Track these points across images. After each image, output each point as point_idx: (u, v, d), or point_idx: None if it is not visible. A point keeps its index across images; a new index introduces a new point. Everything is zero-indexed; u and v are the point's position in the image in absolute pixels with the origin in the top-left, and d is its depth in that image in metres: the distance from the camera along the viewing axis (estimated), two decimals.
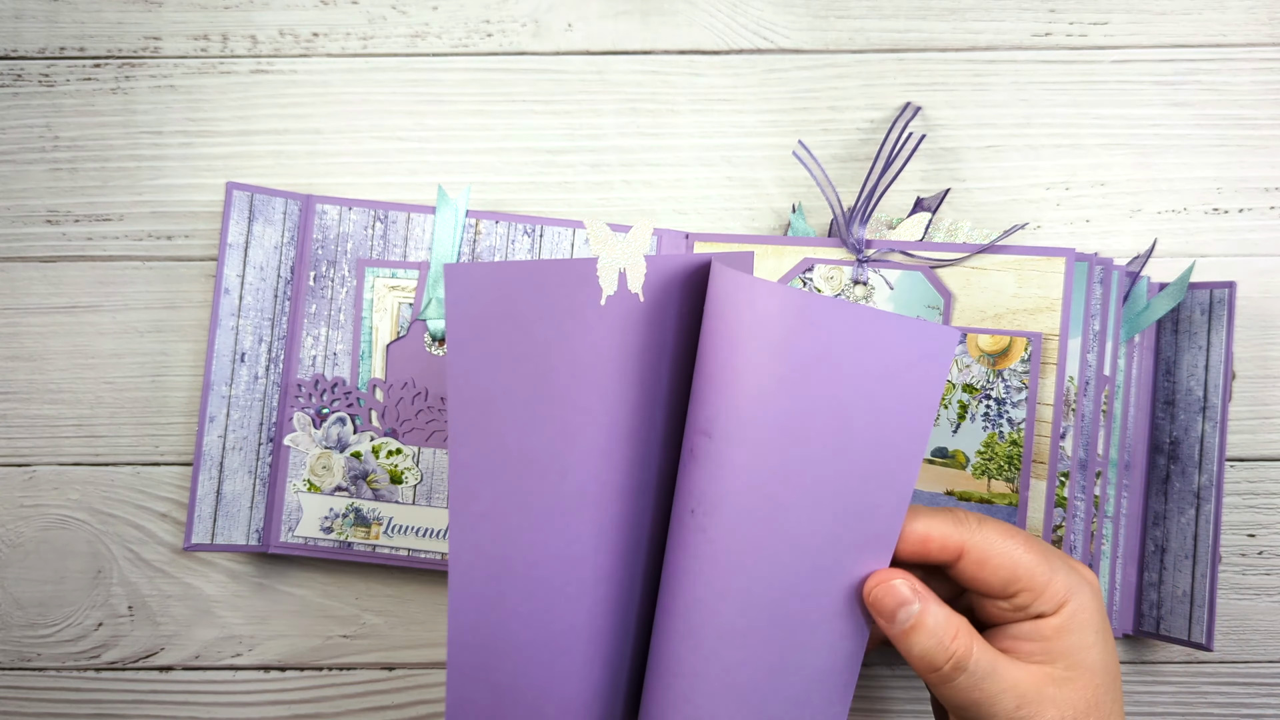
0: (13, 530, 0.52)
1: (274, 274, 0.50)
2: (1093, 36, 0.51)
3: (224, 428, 0.49)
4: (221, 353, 0.49)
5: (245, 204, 0.49)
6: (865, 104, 0.52)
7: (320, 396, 0.50)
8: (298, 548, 0.50)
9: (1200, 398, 0.48)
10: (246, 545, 0.49)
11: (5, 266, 0.52)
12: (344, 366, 0.50)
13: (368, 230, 0.50)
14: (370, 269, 0.50)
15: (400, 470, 0.50)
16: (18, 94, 0.52)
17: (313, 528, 0.50)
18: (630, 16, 0.52)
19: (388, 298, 0.50)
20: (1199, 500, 0.47)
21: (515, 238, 0.50)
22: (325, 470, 0.50)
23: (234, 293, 0.49)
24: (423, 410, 0.50)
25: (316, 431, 0.50)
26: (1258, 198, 0.51)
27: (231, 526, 0.49)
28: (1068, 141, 0.51)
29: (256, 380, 0.50)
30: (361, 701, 0.52)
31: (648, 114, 0.52)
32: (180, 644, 0.52)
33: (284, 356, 0.50)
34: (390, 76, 0.52)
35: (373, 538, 0.50)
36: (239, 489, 0.49)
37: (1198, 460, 0.48)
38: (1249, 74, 0.51)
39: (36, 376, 0.52)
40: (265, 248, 0.49)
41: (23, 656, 0.52)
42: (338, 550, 0.50)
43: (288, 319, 0.50)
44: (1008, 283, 0.47)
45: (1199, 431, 0.48)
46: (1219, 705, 0.51)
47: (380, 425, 0.50)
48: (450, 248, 0.49)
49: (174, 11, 0.52)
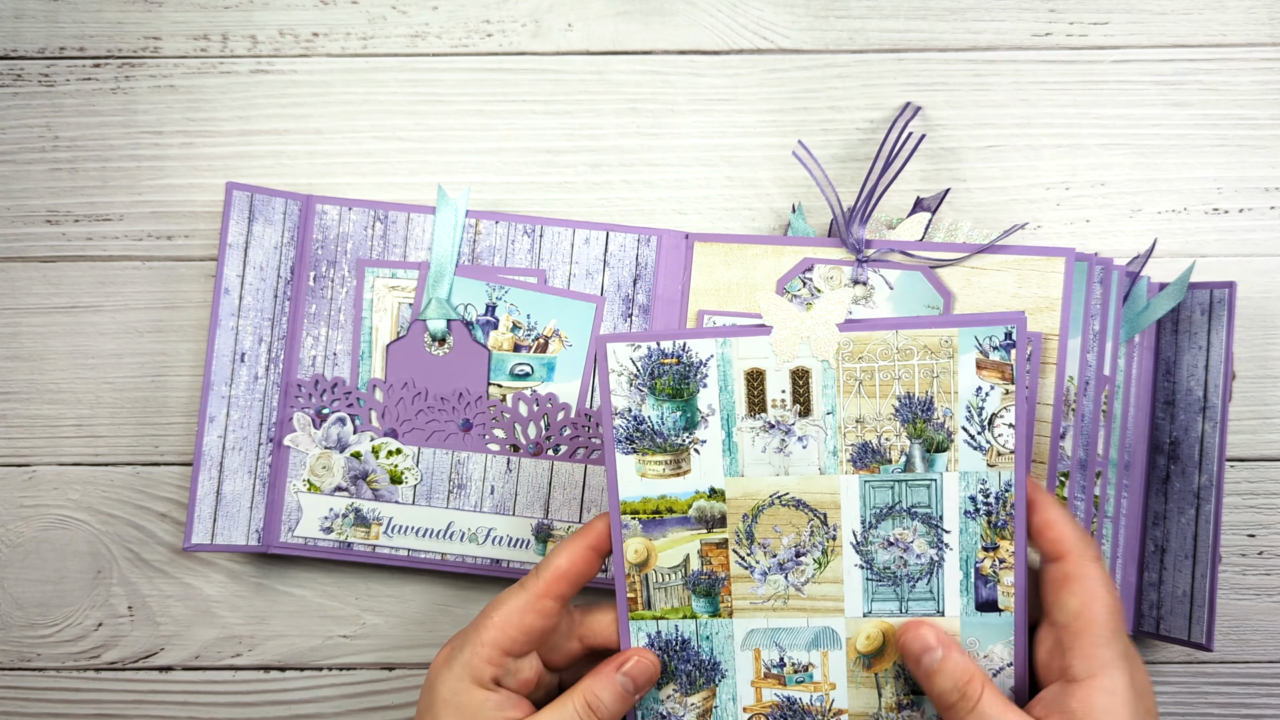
0: (13, 530, 0.52)
1: (274, 274, 0.50)
2: (1093, 36, 0.51)
3: (224, 428, 0.49)
4: (221, 353, 0.49)
5: (245, 204, 0.49)
6: (865, 104, 0.52)
7: (320, 396, 0.50)
8: (298, 548, 0.50)
9: (1200, 398, 0.48)
10: (246, 545, 0.49)
11: (5, 266, 0.52)
12: (344, 367, 0.50)
13: (367, 230, 0.50)
14: (370, 269, 0.50)
15: (400, 470, 0.50)
16: (18, 94, 0.52)
17: (313, 528, 0.50)
18: (630, 16, 0.52)
19: (388, 298, 0.50)
20: (1199, 500, 0.47)
21: (515, 238, 0.50)
22: (325, 470, 0.50)
23: (234, 293, 0.49)
24: (423, 410, 0.50)
25: (316, 431, 0.50)
26: (1258, 198, 0.51)
27: (231, 527, 0.49)
28: (1068, 141, 0.51)
29: (256, 380, 0.50)
30: (361, 701, 0.52)
31: (648, 114, 0.52)
32: (180, 644, 0.52)
33: (284, 356, 0.50)
34: (390, 76, 0.52)
35: (372, 538, 0.50)
36: (239, 489, 0.49)
37: (1198, 460, 0.48)
38: (1249, 74, 0.51)
39: (36, 376, 0.52)
40: (265, 248, 0.49)
41: (23, 656, 0.52)
42: (338, 550, 0.50)
43: (288, 319, 0.50)
44: (1007, 282, 0.47)
45: (1199, 431, 0.48)
46: (1219, 705, 0.51)
47: (380, 425, 0.50)
48: (450, 248, 0.49)
49: (174, 11, 0.52)
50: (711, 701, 0.42)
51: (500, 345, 0.50)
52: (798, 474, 0.41)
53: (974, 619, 0.40)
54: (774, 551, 0.41)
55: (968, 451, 0.40)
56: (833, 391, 0.40)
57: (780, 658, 0.42)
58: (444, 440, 0.50)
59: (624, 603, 0.42)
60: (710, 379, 0.40)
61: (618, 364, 0.40)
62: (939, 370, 0.39)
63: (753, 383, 0.40)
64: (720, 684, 0.42)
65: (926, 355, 0.39)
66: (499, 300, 0.50)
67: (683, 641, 0.42)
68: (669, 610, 0.42)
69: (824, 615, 0.41)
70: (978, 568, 0.40)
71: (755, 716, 0.42)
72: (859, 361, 0.40)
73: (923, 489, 0.40)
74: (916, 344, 0.39)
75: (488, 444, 0.50)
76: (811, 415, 0.40)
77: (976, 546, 0.40)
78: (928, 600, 0.41)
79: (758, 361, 0.40)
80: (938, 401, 0.39)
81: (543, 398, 0.50)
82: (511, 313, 0.50)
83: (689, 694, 0.42)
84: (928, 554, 0.40)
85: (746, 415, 0.40)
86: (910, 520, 0.40)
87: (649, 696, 0.42)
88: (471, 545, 0.50)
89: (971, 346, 0.39)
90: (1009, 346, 0.39)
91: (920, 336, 0.39)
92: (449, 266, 0.49)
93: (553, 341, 0.50)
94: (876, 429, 0.40)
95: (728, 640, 0.42)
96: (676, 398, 0.41)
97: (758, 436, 0.41)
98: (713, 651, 0.42)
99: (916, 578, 0.41)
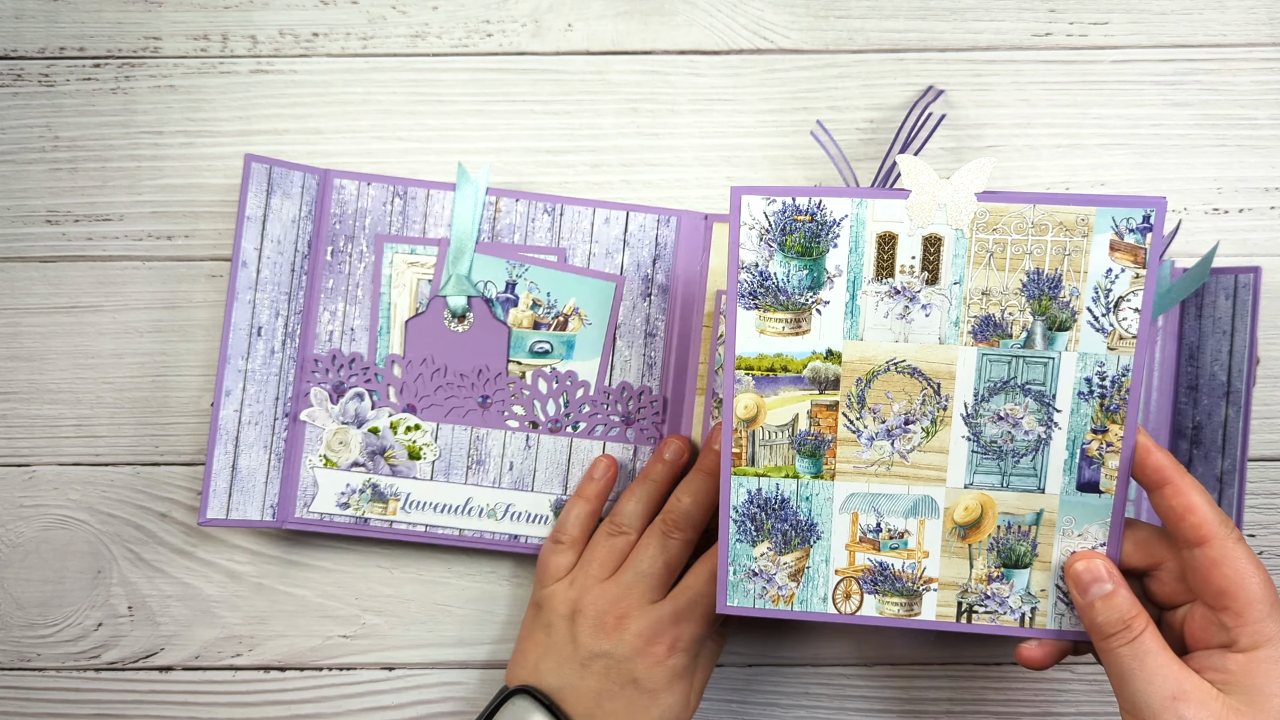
0: (13, 530, 0.52)
1: (291, 248, 0.49)
2: (1093, 36, 0.51)
3: (240, 402, 0.48)
4: (238, 326, 0.48)
5: (264, 177, 0.48)
6: (865, 104, 0.52)
7: (337, 372, 0.50)
8: (314, 523, 0.50)
9: (1224, 383, 0.47)
10: (261, 521, 0.49)
11: (5, 266, 0.52)
12: (361, 342, 0.50)
13: (386, 206, 0.50)
14: (389, 245, 0.50)
15: (418, 446, 0.50)
16: (18, 94, 0.52)
17: (329, 503, 0.50)
18: (630, 16, 0.52)
19: (406, 274, 0.50)
20: (1221, 485, 0.47)
21: (535, 216, 0.50)
22: (342, 446, 0.50)
23: (251, 266, 0.48)
24: (442, 386, 0.50)
25: (334, 407, 0.50)
26: (1258, 198, 0.51)
27: (247, 502, 0.49)
28: (1068, 141, 0.51)
29: (273, 355, 0.49)
30: (361, 701, 0.52)
31: (648, 114, 0.52)
32: (180, 644, 0.52)
33: (300, 331, 0.50)
34: (390, 76, 0.52)
35: (390, 513, 0.50)
36: (254, 464, 0.49)
37: (1221, 445, 0.47)
38: (1249, 74, 0.51)
39: (36, 376, 0.52)
40: (283, 221, 0.49)
41: (23, 656, 0.52)
42: (354, 526, 0.50)
43: (304, 293, 0.50)
44: None
45: (1222, 416, 0.47)
46: None
47: (398, 401, 0.50)
48: (471, 225, 0.49)
49: (174, 11, 0.52)
50: (804, 562, 0.42)
51: (520, 323, 0.50)
52: (916, 342, 0.41)
53: (1073, 498, 0.41)
54: (884, 418, 0.41)
55: (1089, 333, 0.40)
56: (962, 261, 0.40)
57: (877, 523, 0.42)
58: (463, 416, 0.50)
59: (728, 457, 0.42)
60: (841, 239, 0.40)
61: (750, 217, 0.40)
62: (1071, 248, 0.39)
63: (883, 246, 0.40)
64: (815, 545, 0.42)
65: (1061, 232, 0.39)
66: (519, 278, 0.50)
67: (781, 500, 0.42)
68: (772, 468, 0.42)
69: (925, 484, 0.42)
70: (1084, 449, 0.40)
71: (847, 579, 0.42)
72: (992, 233, 0.40)
73: (1039, 366, 0.40)
74: (1052, 220, 0.39)
75: (506, 420, 0.50)
76: (938, 284, 0.40)
77: (1086, 428, 0.40)
78: (1030, 476, 0.41)
79: (891, 225, 0.40)
80: (1066, 280, 0.39)
81: (562, 375, 0.50)
82: (531, 290, 0.50)
83: (783, 553, 0.42)
84: (1036, 431, 0.41)
85: (873, 279, 0.40)
86: (1023, 396, 0.41)
87: (742, 553, 0.42)
88: (490, 521, 0.50)
89: (1108, 227, 0.39)
90: (1145, 230, 0.39)
91: (1057, 213, 0.39)
92: (469, 243, 0.49)
93: (572, 320, 0.50)
94: (1001, 302, 0.40)
95: (826, 502, 0.42)
96: (805, 255, 0.40)
97: (881, 301, 0.41)
98: (810, 512, 0.42)
99: (1022, 454, 0.41)
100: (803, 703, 0.51)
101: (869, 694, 0.51)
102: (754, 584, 0.42)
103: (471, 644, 0.52)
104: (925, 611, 0.42)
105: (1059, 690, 0.51)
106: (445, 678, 0.52)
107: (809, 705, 0.51)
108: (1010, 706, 0.51)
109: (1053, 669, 0.51)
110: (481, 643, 0.52)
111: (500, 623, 0.52)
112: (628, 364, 0.50)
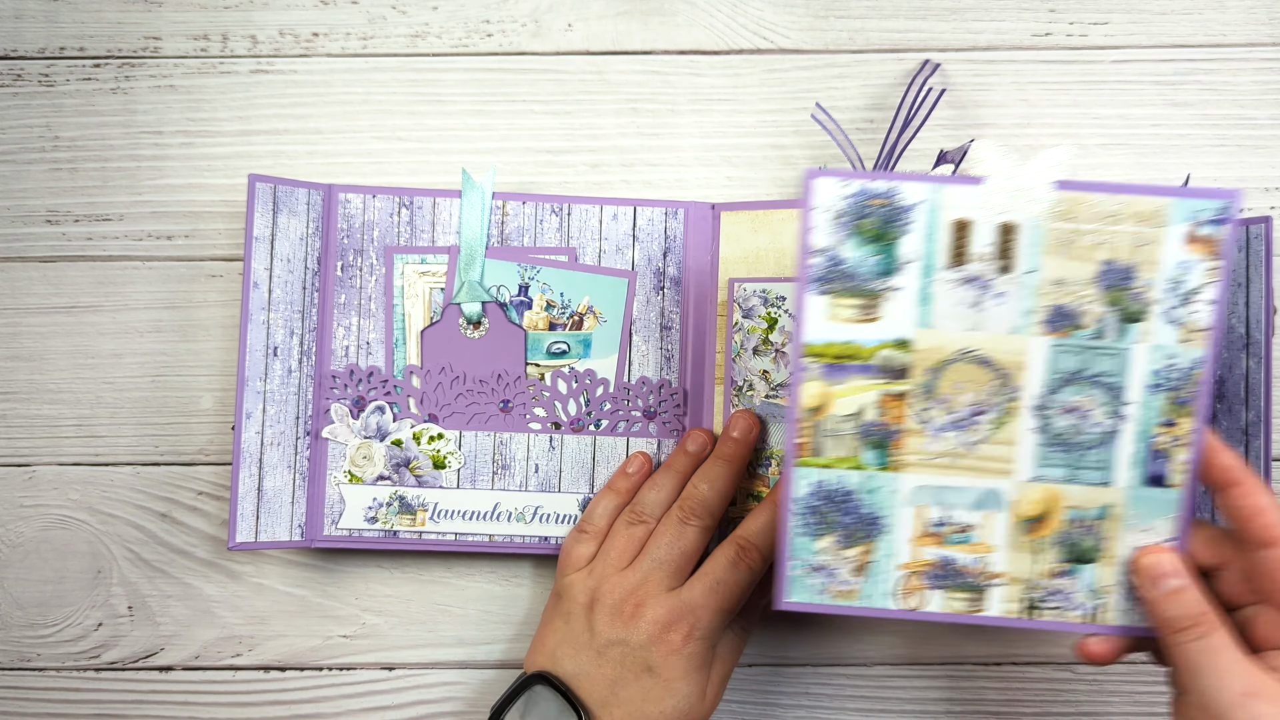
0: (13, 530, 0.52)
1: (301, 266, 0.49)
2: (1093, 36, 0.51)
3: (261, 424, 0.48)
4: (254, 348, 0.48)
5: (269, 196, 0.48)
6: (865, 104, 0.52)
7: (356, 386, 0.50)
8: (343, 540, 0.50)
9: (1242, 335, 0.47)
10: (290, 541, 0.49)
11: (5, 266, 0.52)
12: (378, 355, 0.50)
13: (393, 217, 0.50)
14: (399, 255, 0.50)
15: (443, 455, 0.50)
16: (18, 94, 0.52)
17: (357, 519, 0.50)
18: (630, 16, 0.52)
19: (418, 284, 0.50)
20: (1247, 437, 0.46)
21: (543, 217, 0.50)
22: (366, 460, 0.50)
23: (263, 286, 0.48)
24: (462, 394, 0.50)
25: (355, 422, 0.50)
26: (1258, 198, 0.51)
27: (274, 523, 0.49)
28: (1068, 141, 0.51)
29: (290, 374, 0.49)
30: (361, 701, 0.52)
31: (648, 114, 0.52)
32: (180, 644, 0.52)
33: (316, 349, 0.50)
34: (390, 76, 0.52)
35: (419, 524, 0.50)
36: (279, 485, 0.49)
37: (1244, 397, 0.47)
38: (1249, 74, 0.51)
39: (36, 376, 0.52)
40: (291, 239, 0.49)
41: (23, 656, 0.52)
42: (384, 540, 0.50)
43: (317, 310, 0.50)
44: None
45: (1244, 368, 0.47)
46: None
47: (419, 412, 0.50)
48: (479, 230, 0.49)
49: (174, 11, 0.52)
50: (868, 556, 0.42)
51: (535, 324, 0.50)
52: (988, 331, 0.40)
53: (1141, 492, 0.40)
54: (952, 408, 0.41)
55: (1162, 325, 0.39)
56: (1037, 250, 0.39)
57: (942, 517, 0.41)
58: (485, 422, 0.50)
59: (792, 448, 0.41)
60: (915, 225, 0.40)
61: (822, 202, 0.40)
62: (1145, 240, 0.39)
63: (958, 234, 0.40)
64: (879, 539, 0.41)
65: (1137, 222, 0.39)
66: (531, 280, 0.50)
67: (845, 493, 0.41)
68: (837, 459, 0.41)
69: (992, 477, 0.41)
70: (1153, 442, 0.40)
71: (911, 574, 0.42)
72: (1068, 222, 0.39)
73: (1110, 358, 0.40)
74: (1129, 210, 0.39)
75: (529, 423, 0.50)
76: (1012, 273, 0.40)
77: (1155, 421, 0.40)
78: (1097, 470, 0.40)
79: (967, 212, 0.39)
80: (1140, 271, 0.39)
81: (581, 374, 0.50)
82: (545, 291, 0.50)
83: (846, 547, 0.41)
84: (1105, 424, 0.40)
85: (946, 266, 0.40)
86: (1093, 389, 0.40)
87: (803, 547, 0.42)
88: (519, 525, 0.50)
89: (1184, 218, 0.39)
90: (1221, 222, 0.39)
91: (1134, 203, 0.39)
92: (479, 249, 0.49)
93: (587, 318, 0.50)
94: (1075, 293, 0.40)
95: (891, 495, 0.41)
96: (878, 241, 0.40)
97: (954, 289, 0.40)
98: (875, 505, 0.41)
99: (1090, 447, 0.40)
100: (803, 703, 0.52)
101: (869, 694, 0.51)
102: (815, 579, 0.41)
103: (471, 644, 0.52)
104: (990, 607, 0.41)
105: (1059, 690, 0.51)
106: (445, 678, 0.52)
107: (809, 705, 0.52)
108: (1010, 706, 0.51)
109: (1052, 669, 0.51)
110: (482, 642, 0.52)
111: (500, 622, 0.52)
112: (645, 358, 0.50)
